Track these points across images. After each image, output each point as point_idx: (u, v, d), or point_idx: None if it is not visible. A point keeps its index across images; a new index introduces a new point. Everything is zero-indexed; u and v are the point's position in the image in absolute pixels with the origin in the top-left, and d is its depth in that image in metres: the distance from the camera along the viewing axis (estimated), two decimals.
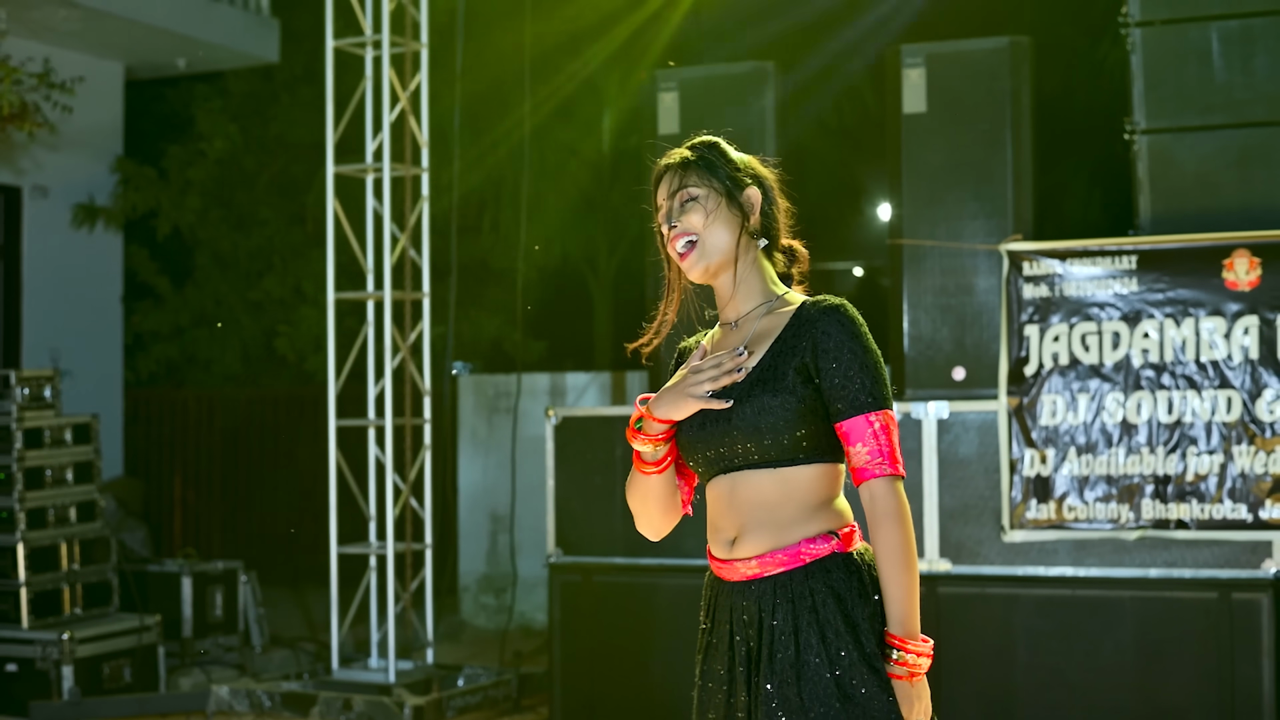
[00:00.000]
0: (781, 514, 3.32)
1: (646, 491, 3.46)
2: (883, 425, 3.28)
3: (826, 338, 3.30)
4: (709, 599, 3.47)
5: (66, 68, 11.62)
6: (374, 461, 9.11)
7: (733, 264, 3.44)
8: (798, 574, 3.30)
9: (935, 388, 7.29)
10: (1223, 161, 7.00)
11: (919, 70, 7.36)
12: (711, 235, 3.42)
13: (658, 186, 3.52)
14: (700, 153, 3.51)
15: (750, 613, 3.32)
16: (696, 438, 3.37)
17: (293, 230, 14.72)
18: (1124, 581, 6.81)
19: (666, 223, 3.45)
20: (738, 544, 3.34)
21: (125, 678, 8.29)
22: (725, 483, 3.36)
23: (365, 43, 9.07)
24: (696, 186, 3.45)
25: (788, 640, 3.27)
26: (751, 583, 3.33)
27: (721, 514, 3.38)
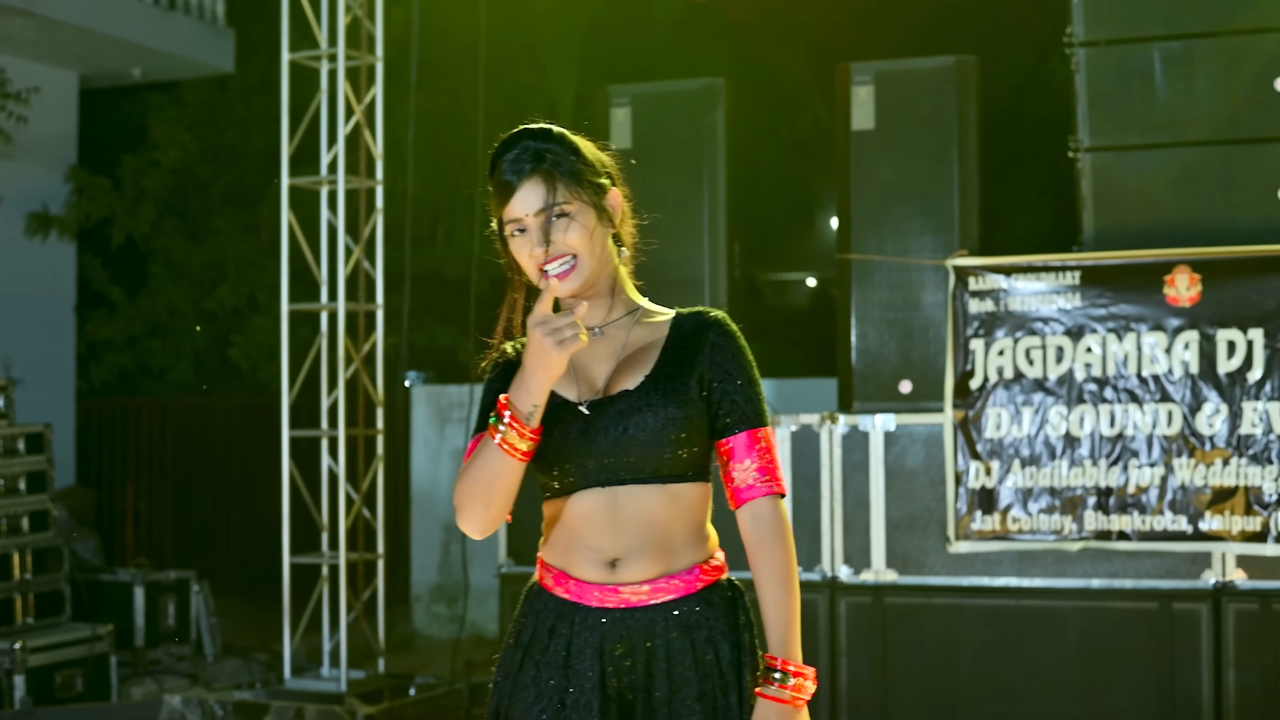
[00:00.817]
0: (673, 535, 3.11)
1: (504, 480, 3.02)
2: (767, 442, 3.14)
3: (717, 350, 3.15)
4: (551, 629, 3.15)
5: (21, 77, 11.63)
6: (327, 471, 9.15)
7: (607, 276, 3.21)
8: (692, 600, 3.11)
9: (882, 400, 7.38)
10: (1164, 179, 7.11)
11: (867, 88, 7.46)
12: (589, 256, 3.14)
13: (509, 194, 3.13)
14: (560, 158, 3.14)
15: (632, 643, 3.08)
16: (576, 445, 3.08)
17: (247, 240, 14.73)
18: (1067, 592, 6.91)
19: (537, 245, 3.10)
20: (622, 566, 3.08)
21: (77, 687, 8.30)
22: (603, 497, 3.08)
23: (321, 56, 9.12)
24: (568, 202, 3.12)
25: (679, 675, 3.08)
26: (636, 610, 3.09)
27: (597, 531, 3.09)
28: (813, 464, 7.25)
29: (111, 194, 13.96)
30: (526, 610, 3.22)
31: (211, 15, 13.40)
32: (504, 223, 3.17)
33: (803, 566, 7.24)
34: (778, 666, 3.09)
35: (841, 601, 7.18)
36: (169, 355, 15.04)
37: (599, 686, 3.07)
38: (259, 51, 14.24)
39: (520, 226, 3.13)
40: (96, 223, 13.90)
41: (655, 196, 7.73)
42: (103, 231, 14.27)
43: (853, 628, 7.16)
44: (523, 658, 3.17)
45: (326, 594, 9.06)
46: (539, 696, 3.11)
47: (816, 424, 7.26)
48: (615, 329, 3.20)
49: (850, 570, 7.19)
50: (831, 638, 7.18)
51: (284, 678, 9.01)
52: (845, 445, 7.22)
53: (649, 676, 3.08)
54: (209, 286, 14.97)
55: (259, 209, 14.29)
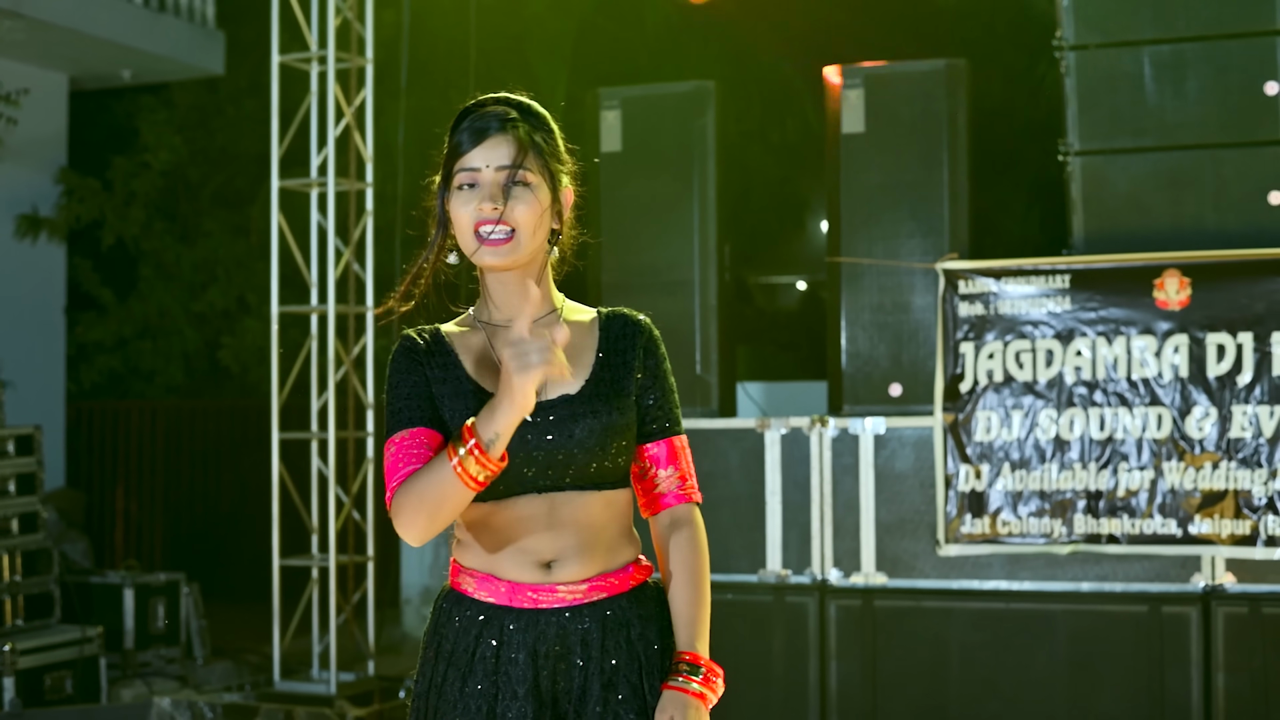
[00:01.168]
0: (608, 536, 3.07)
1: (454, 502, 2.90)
2: (686, 451, 3.16)
3: (649, 355, 3.13)
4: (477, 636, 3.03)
5: (11, 79, 11.63)
6: (317, 474, 9.15)
7: (536, 267, 3.11)
8: (623, 599, 3.07)
9: (872, 404, 7.39)
10: (1154, 183, 7.12)
11: (858, 91, 7.46)
12: (528, 238, 3.04)
13: (475, 138, 3.06)
14: (536, 129, 3.11)
15: (567, 643, 3.01)
16: (514, 451, 2.93)
17: (237, 242, 14.72)
18: (1056, 595, 6.92)
19: (484, 196, 3.01)
20: (558, 567, 3.01)
21: (67, 689, 8.29)
22: (540, 502, 2.99)
23: (311, 58, 9.12)
24: (532, 173, 3.05)
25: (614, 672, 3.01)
26: (570, 609, 3.02)
27: (532, 535, 3.00)
28: (802, 467, 7.25)
29: (101, 196, 13.95)
30: (444, 620, 3.09)
31: (201, 17, 13.39)
32: (455, 172, 3.07)
33: (792, 569, 7.25)
34: (687, 660, 3.03)
35: (831, 604, 7.18)
36: (159, 357, 15.02)
37: (533, 690, 2.98)
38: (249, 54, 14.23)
39: (472, 180, 3.05)
40: (86, 225, 13.88)
41: (645, 199, 7.77)
42: (93, 233, 14.26)
43: (842, 631, 7.16)
44: (446, 669, 3.04)
45: (316, 596, 9.06)
46: (465, 709, 3.00)
47: (806, 427, 7.26)
48: (539, 327, 2.97)
49: (840, 573, 7.19)
50: (821, 641, 7.19)
51: (274, 680, 9.01)
52: (835, 448, 7.22)
53: (585, 675, 3.01)
54: (199, 289, 14.96)
55: (249, 211, 14.28)
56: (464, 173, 3.06)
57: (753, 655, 7.18)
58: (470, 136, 3.07)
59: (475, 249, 3.03)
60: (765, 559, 7.27)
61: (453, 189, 3.08)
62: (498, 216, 3.00)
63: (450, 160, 3.09)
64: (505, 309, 3.10)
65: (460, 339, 3.13)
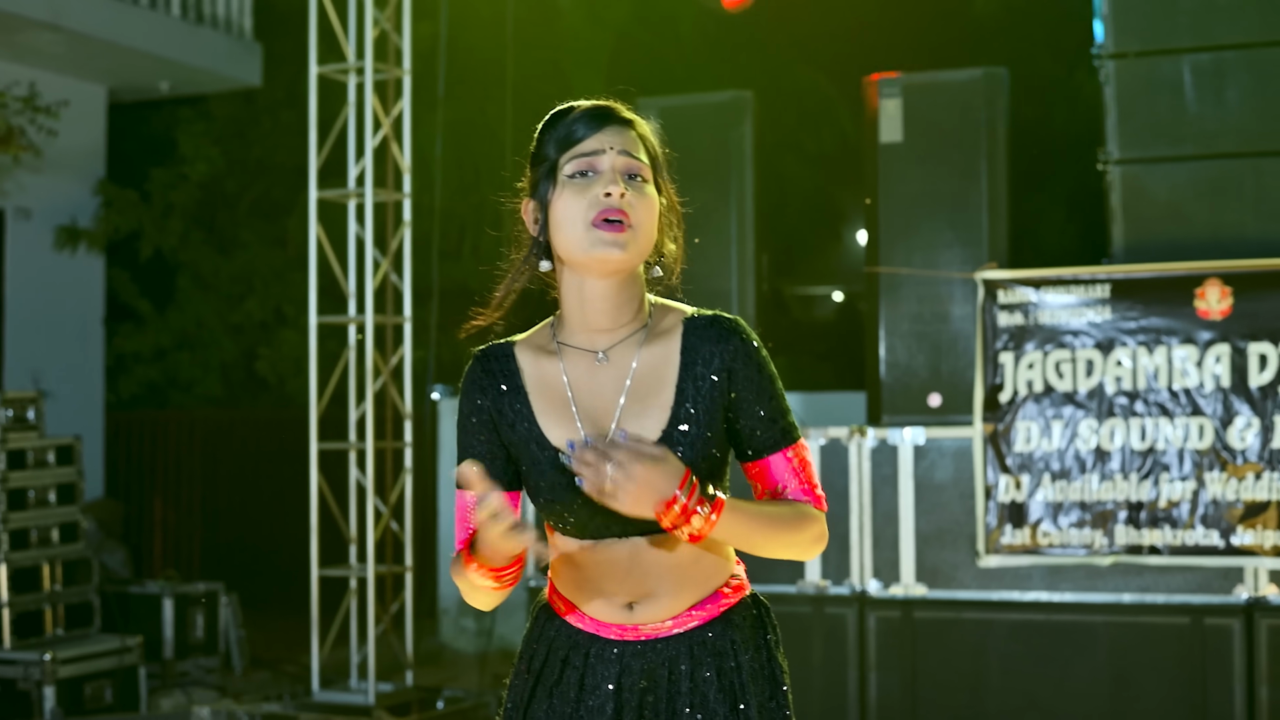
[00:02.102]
0: (696, 571, 2.83)
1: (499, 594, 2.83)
2: (802, 458, 2.86)
3: (739, 364, 2.80)
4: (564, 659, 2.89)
5: (51, 91, 11.67)
6: (355, 484, 9.16)
7: (634, 280, 2.84)
8: (715, 625, 2.85)
9: (911, 414, 7.36)
10: (1194, 192, 7.09)
11: (895, 100, 7.45)
12: (645, 238, 2.78)
13: (596, 124, 2.80)
14: (652, 137, 2.88)
15: (654, 677, 2.83)
16: (586, 508, 2.71)
17: (274, 253, 14.76)
18: (1097, 607, 6.88)
19: (609, 180, 2.74)
20: (640, 608, 2.82)
21: (106, 699, 8.31)
22: (621, 548, 2.78)
23: (348, 69, 9.14)
24: (648, 169, 2.82)
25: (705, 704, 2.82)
26: (657, 641, 2.83)
27: (613, 580, 2.81)
28: (841, 478, 7.23)
29: (140, 207, 14.00)
30: (538, 634, 2.94)
31: (239, 30, 13.44)
32: (566, 162, 2.77)
33: (831, 580, 7.23)
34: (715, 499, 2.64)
35: (870, 616, 7.15)
36: (197, 368, 15.08)
37: (612, 713, 2.83)
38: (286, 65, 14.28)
39: (589, 166, 2.76)
40: (125, 236, 13.94)
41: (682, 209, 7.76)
42: (131, 245, 14.32)
43: (882, 642, 7.14)
44: (534, 686, 2.91)
45: (355, 606, 9.07)
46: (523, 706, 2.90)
47: (845, 437, 7.24)
48: (622, 350, 2.81)
49: (879, 584, 7.17)
50: (861, 652, 7.16)
51: (312, 690, 9.01)
52: (874, 459, 7.20)
53: (671, 706, 2.82)
54: (236, 300, 15.01)
55: (286, 222, 14.33)
56: (579, 159, 2.76)
57: (792, 667, 7.13)
58: (587, 123, 2.79)
59: (590, 242, 2.72)
60: (804, 570, 7.25)
61: (560, 181, 2.78)
62: (623, 204, 2.72)
63: (561, 146, 2.79)
64: (598, 324, 2.82)
65: (533, 361, 2.88)
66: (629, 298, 2.81)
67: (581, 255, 2.74)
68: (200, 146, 14.62)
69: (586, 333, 2.83)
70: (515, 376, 2.86)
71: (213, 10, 13.19)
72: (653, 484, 2.54)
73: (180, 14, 12.84)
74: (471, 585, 2.79)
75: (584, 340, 2.83)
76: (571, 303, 2.84)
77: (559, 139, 2.80)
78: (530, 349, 2.90)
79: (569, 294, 2.84)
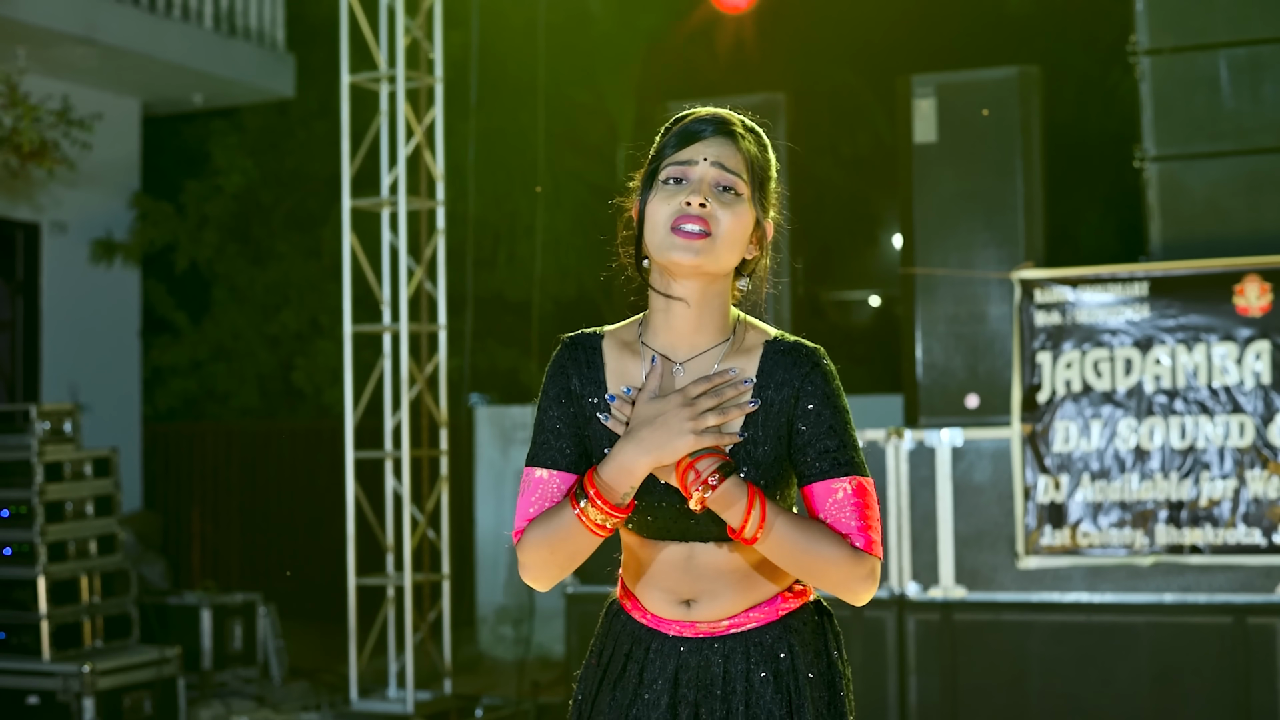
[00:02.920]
0: (753, 576, 2.90)
1: (586, 551, 2.86)
2: (864, 495, 2.81)
3: (806, 398, 2.83)
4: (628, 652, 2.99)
5: (85, 105, 11.71)
6: (391, 493, 9.15)
7: (715, 283, 2.87)
8: (774, 629, 2.91)
9: (949, 415, 7.33)
10: (1232, 188, 7.04)
11: (930, 100, 7.41)
12: (726, 247, 2.82)
13: (698, 133, 2.86)
14: (758, 152, 2.90)
15: (710, 674, 2.91)
16: (652, 504, 2.84)
17: (309, 264, 14.79)
18: (1139, 607, 6.83)
19: (693, 189, 2.81)
20: (697, 606, 2.91)
21: (146, 710, 8.32)
22: (679, 550, 2.88)
23: (380, 78, 9.14)
24: (743, 185, 2.84)
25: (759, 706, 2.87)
26: (714, 639, 2.91)
27: (671, 578, 2.91)
28: (879, 480, 7.20)
29: (174, 220, 14.04)
30: (606, 629, 3.05)
31: (271, 41, 13.47)
32: (662, 168, 2.85)
33: None
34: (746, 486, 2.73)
35: (910, 619, 7.12)
36: (233, 379, 15.11)
37: (670, 713, 2.91)
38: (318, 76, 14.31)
39: (681, 174, 2.83)
40: (160, 249, 13.98)
41: None
42: (166, 257, 14.36)
43: (922, 645, 7.10)
44: (601, 678, 3.01)
45: (392, 615, 9.06)
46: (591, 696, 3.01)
47: (883, 440, 7.20)
48: (700, 363, 2.87)
49: (918, 587, 7.13)
50: (900, 655, 7.12)
51: (350, 699, 9.01)
52: (912, 461, 7.16)
53: (727, 706, 2.89)
54: (272, 311, 15.04)
55: (320, 233, 14.35)
56: (673, 166, 2.84)
57: None
58: (691, 132, 2.86)
59: (666, 245, 2.80)
60: None
61: (656, 185, 2.86)
62: (702, 214, 2.79)
63: (658, 157, 2.88)
64: (680, 332, 2.89)
65: (617, 356, 2.94)
66: (713, 310, 2.88)
67: (660, 257, 2.82)
68: (234, 158, 14.65)
69: (669, 336, 2.89)
70: (599, 370, 2.93)
71: (245, 22, 13.22)
72: (669, 424, 2.70)
73: (213, 26, 12.87)
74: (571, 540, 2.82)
75: (665, 345, 2.89)
76: (658, 303, 2.90)
77: (664, 144, 2.88)
78: (616, 343, 2.96)
79: (656, 294, 2.90)
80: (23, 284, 12.62)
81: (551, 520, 2.83)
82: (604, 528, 2.79)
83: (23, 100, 10.26)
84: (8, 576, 8.28)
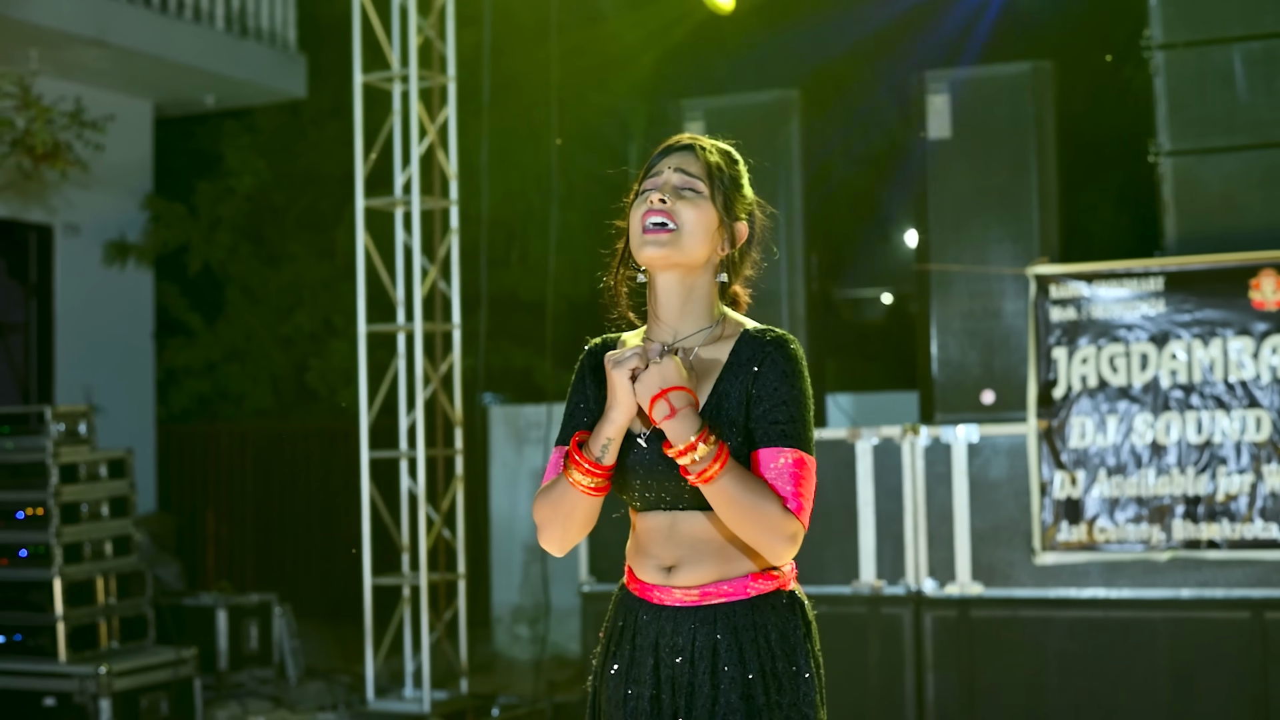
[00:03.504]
0: (728, 549, 3.20)
1: (580, 510, 3.21)
2: (800, 468, 3.12)
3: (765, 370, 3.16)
4: (623, 624, 3.31)
5: (97, 106, 11.72)
6: (406, 492, 9.15)
7: (691, 275, 3.24)
8: (741, 606, 3.19)
9: (964, 411, 7.32)
10: (1247, 182, 7.02)
11: (943, 96, 7.40)
12: (689, 238, 3.20)
13: (666, 153, 3.30)
14: (722, 163, 3.31)
15: (682, 640, 3.20)
16: (638, 474, 3.22)
17: (322, 264, 14.79)
18: (1156, 603, 6.82)
19: (656, 190, 3.22)
20: (676, 573, 3.22)
21: (162, 710, 8.33)
22: (664, 518, 3.24)
23: (393, 77, 9.15)
24: (703, 185, 3.24)
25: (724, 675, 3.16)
26: (688, 609, 3.21)
27: (657, 544, 3.25)
28: (895, 477, 7.19)
29: (187, 221, 14.05)
30: (614, 607, 3.39)
31: (283, 42, 13.48)
32: (642, 183, 3.29)
33: (887, 580, 7.19)
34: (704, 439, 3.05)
35: (927, 615, 7.11)
36: (247, 380, 15.12)
37: (652, 675, 3.23)
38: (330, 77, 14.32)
39: (652, 185, 3.25)
40: (173, 250, 13.99)
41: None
42: (179, 259, 14.36)
43: (939, 642, 7.09)
44: (606, 652, 3.34)
45: (408, 615, 9.06)
46: (616, 688, 3.29)
47: (898, 436, 7.19)
48: (685, 346, 3.26)
49: (935, 583, 7.12)
50: (917, 652, 7.11)
51: (367, 699, 9.01)
52: (928, 457, 7.15)
53: (694, 673, 3.19)
54: (285, 311, 15.04)
55: (333, 234, 14.35)
56: (648, 179, 3.28)
57: (848, 667, 7.11)
58: (662, 154, 3.31)
59: (639, 244, 3.22)
60: (859, 570, 7.21)
61: (635, 200, 3.30)
62: (663, 208, 3.19)
63: (645, 176, 3.31)
64: (668, 321, 3.28)
65: None
66: (694, 299, 3.27)
67: (638, 257, 3.25)
68: (246, 159, 14.66)
69: (659, 327, 3.29)
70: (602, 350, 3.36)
71: (257, 23, 13.23)
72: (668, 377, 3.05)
73: (225, 27, 12.89)
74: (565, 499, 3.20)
75: (657, 334, 3.29)
76: (650, 299, 3.31)
77: (645, 170, 3.32)
78: (631, 342, 3.37)
79: (649, 292, 3.31)
80: (36, 286, 12.63)
81: (554, 485, 3.23)
82: (590, 488, 3.17)
83: (36, 102, 10.27)
84: (24, 578, 8.29)
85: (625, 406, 3.10)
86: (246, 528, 14.10)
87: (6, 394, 12.67)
